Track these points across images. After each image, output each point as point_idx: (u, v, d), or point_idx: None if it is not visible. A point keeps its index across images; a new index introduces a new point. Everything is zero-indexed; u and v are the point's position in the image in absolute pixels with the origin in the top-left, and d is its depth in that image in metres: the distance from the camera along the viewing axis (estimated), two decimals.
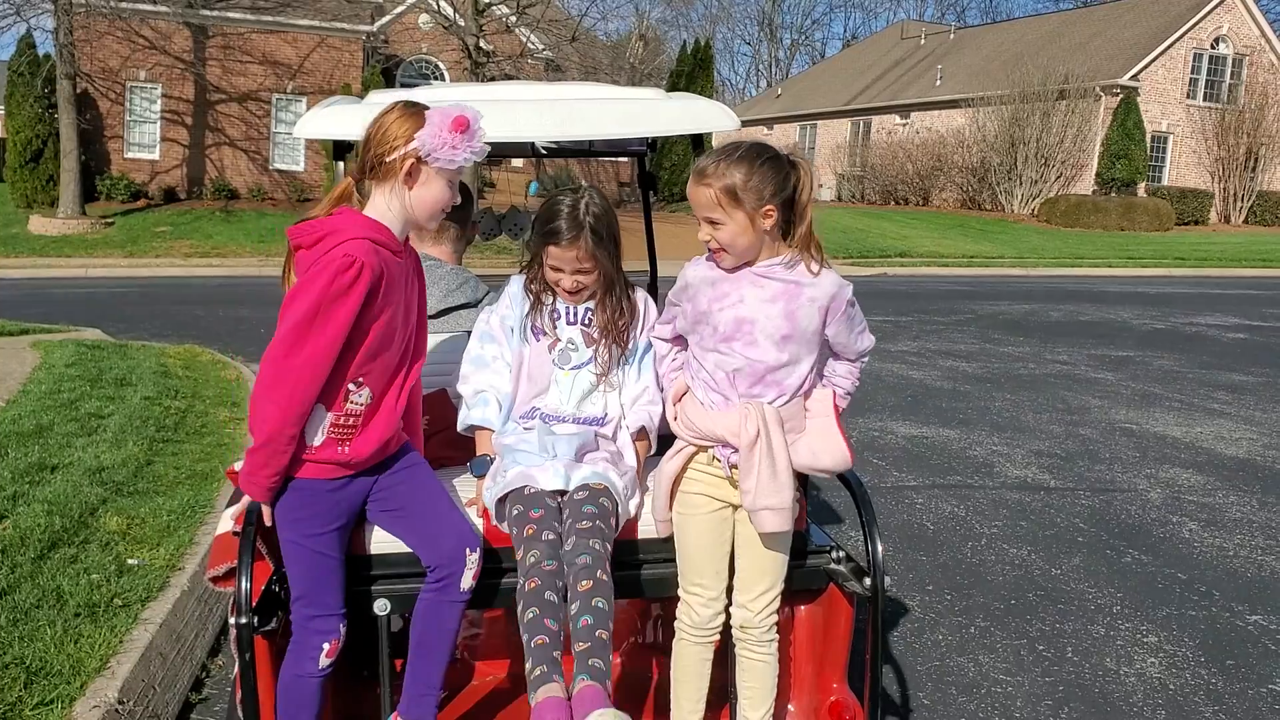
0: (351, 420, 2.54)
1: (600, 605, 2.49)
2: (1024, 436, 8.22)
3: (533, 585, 2.51)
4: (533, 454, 2.73)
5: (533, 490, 2.66)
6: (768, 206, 2.56)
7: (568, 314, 2.88)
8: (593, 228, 2.76)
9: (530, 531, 2.59)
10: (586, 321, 2.87)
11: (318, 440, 2.51)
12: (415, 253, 2.73)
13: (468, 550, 2.62)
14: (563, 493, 2.68)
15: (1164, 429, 8.63)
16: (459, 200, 2.63)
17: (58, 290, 17.66)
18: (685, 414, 2.75)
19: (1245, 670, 4.23)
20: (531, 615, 2.47)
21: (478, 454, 2.84)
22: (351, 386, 2.52)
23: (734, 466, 2.65)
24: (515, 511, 2.64)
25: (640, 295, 2.95)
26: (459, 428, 2.89)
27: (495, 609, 3.04)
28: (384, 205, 2.54)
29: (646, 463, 2.91)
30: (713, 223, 2.58)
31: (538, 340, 2.86)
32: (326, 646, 2.56)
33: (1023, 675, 4.13)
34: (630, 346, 2.90)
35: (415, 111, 2.51)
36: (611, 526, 2.65)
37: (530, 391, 2.84)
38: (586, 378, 2.84)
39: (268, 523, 2.54)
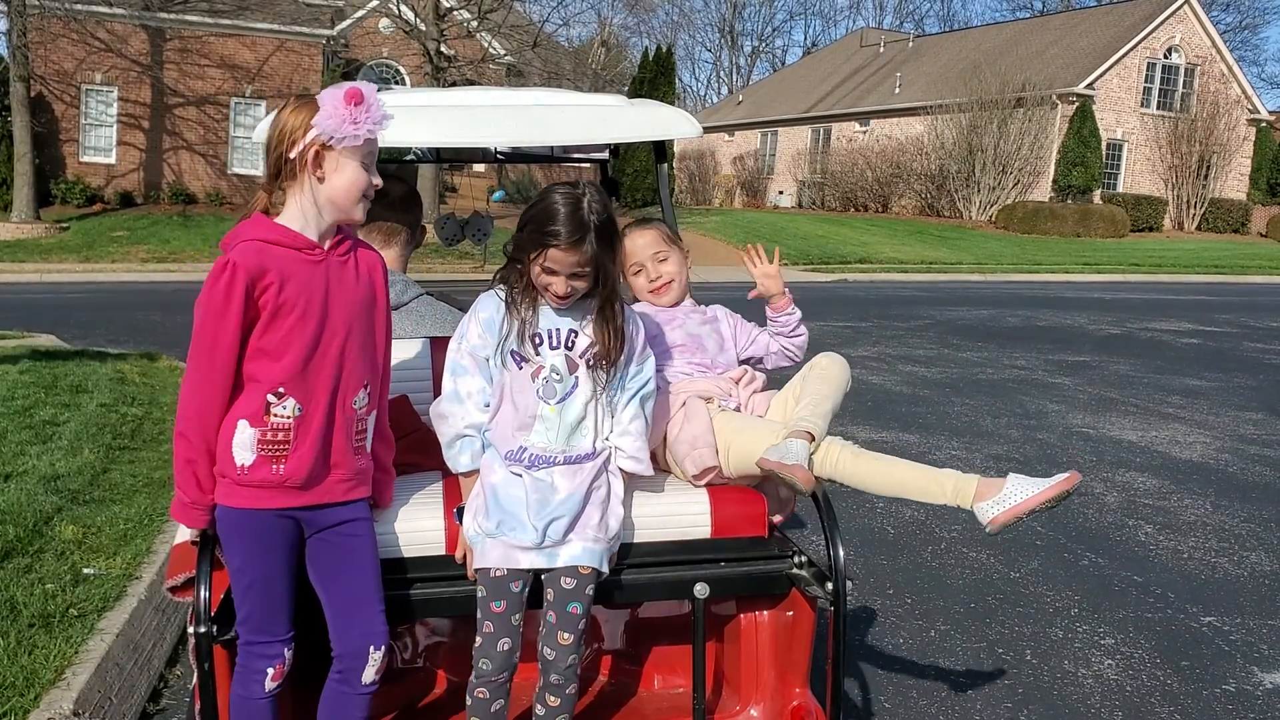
0: (281, 435, 2.39)
1: None
2: (983, 441, 8.30)
3: (481, 695, 2.62)
4: (520, 516, 2.58)
5: (501, 575, 2.58)
6: (688, 251, 3.22)
7: (550, 337, 2.62)
8: (598, 228, 2.50)
9: (488, 630, 2.59)
10: (570, 344, 2.63)
11: (249, 460, 2.38)
12: (373, 262, 2.56)
13: (371, 648, 2.54)
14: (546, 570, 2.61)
15: (1120, 433, 8.75)
16: (379, 181, 2.45)
17: (11, 296, 17.38)
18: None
19: (1200, 671, 4.30)
20: None
21: (464, 499, 2.69)
22: (272, 398, 2.38)
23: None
24: (481, 593, 2.60)
25: (631, 316, 2.73)
26: (453, 471, 2.73)
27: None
28: (296, 207, 2.41)
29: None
30: (661, 258, 3.12)
31: (519, 368, 2.61)
32: (271, 671, 2.50)
33: (982, 678, 4.17)
34: (619, 371, 2.69)
35: (307, 101, 2.38)
36: (588, 621, 2.66)
37: (514, 423, 2.62)
38: (574, 410, 2.63)
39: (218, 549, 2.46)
